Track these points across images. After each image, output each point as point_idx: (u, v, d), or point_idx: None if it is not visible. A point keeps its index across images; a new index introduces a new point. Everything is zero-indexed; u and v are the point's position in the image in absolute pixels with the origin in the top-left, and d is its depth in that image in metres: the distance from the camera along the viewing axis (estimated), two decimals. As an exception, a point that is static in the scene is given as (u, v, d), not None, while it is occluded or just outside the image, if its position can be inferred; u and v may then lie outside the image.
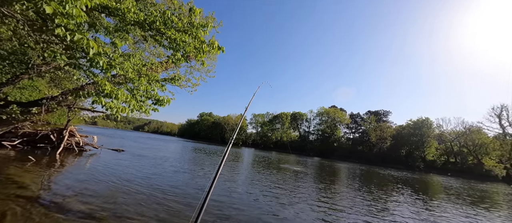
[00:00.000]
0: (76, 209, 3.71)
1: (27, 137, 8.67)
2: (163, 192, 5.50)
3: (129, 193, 5.03)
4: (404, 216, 6.33)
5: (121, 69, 4.30)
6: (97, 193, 4.71)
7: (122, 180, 6.14)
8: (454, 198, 11.25)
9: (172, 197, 5.18)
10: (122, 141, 23.00)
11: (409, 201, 8.69)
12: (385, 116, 68.19)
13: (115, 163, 8.51)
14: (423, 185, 15.80)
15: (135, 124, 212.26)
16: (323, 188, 9.38)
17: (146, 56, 8.31)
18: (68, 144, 9.60)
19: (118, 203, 4.26)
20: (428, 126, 53.43)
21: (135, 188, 5.53)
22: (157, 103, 4.33)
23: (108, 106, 2.91)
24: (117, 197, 4.59)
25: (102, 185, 5.33)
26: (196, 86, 11.87)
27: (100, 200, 4.29)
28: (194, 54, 3.88)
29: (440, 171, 45.78)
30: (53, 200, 3.94)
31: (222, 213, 4.54)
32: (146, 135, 70.73)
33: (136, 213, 3.91)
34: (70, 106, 8.73)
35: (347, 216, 5.56)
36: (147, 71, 5.37)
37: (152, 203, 4.58)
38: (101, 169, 7.18)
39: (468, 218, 6.99)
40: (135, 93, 4.18)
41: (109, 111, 2.98)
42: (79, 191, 4.68)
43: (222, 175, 9.28)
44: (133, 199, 4.62)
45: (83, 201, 4.12)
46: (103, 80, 3.07)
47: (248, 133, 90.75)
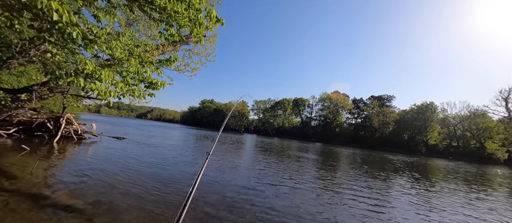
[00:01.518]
0: (65, 202, 3.45)
1: (23, 125, 8.41)
2: (164, 183, 5.25)
3: (126, 183, 4.78)
4: (402, 199, 6.27)
5: (107, 48, 3.81)
6: (91, 185, 4.45)
7: (120, 169, 5.90)
8: (453, 179, 11.28)
9: (172, 188, 4.93)
10: (125, 128, 22.92)
11: (408, 183, 8.71)
12: (389, 101, 67.29)
13: (114, 152, 8.29)
14: (423, 168, 15.80)
15: (138, 112, 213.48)
16: (324, 172, 9.19)
17: (140, 38, 7.70)
18: (66, 132, 9.36)
19: (114, 194, 4.00)
20: (432, 111, 52.75)
21: (133, 178, 5.28)
22: (150, 87, 3.89)
23: (88, 88, 2.49)
24: (113, 188, 4.34)
25: (98, 176, 5.07)
26: (196, 70, 11.31)
27: (94, 193, 4.03)
28: (189, 28, 3.36)
29: (442, 155, 45.94)
30: (42, 193, 3.67)
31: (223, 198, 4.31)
32: (149, 122, 71.16)
33: (133, 206, 3.65)
34: (63, 93, 8.33)
35: (346, 199, 5.34)
36: (140, 52, 4.86)
37: (151, 194, 4.32)
38: (99, 158, 6.94)
39: (467, 199, 7.02)
40: (125, 75, 3.72)
41: (94, 94, 2.55)
42: (72, 182, 4.42)
43: (226, 160, 9.10)
44: (130, 190, 4.37)
45: (75, 193, 3.86)
46: (82, 58, 2.62)
47: (250, 120, 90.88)
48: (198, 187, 2.07)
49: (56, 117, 9.17)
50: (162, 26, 3.42)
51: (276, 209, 4.30)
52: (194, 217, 3.49)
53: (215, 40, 13.73)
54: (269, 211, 4.16)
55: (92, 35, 3.57)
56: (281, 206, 4.51)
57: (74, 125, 9.61)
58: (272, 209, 4.25)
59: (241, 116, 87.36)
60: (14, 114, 8.13)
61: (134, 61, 3.83)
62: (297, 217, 4.05)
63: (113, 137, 12.02)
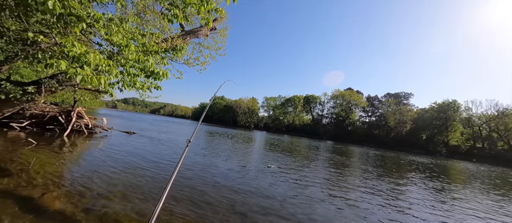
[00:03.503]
0: (55, 204, 3.14)
1: (35, 118, 8.49)
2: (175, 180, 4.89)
3: (131, 179, 4.47)
4: (424, 203, 5.43)
5: (107, 33, 3.43)
6: (91, 184, 4.17)
7: (127, 165, 5.64)
8: (479, 185, 10.13)
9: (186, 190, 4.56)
10: (139, 124, 23.32)
11: (427, 187, 7.85)
12: (406, 99, 63.89)
13: (122, 147, 8.14)
14: (444, 170, 14.52)
15: (152, 108, 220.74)
16: (337, 172, 8.50)
17: (147, 27, 7.36)
18: (78, 126, 9.38)
19: (111, 198, 3.67)
20: (455, 109, 49.30)
21: (140, 173, 4.98)
22: (151, 76, 3.48)
23: (71, 73, 2.09)
24: (114, 189, 4.03)
25: (100, 174, 4.81)
26: (206, 64, 10.93)
27: (90, 195, 3.73)
28: (196, 6, 2.87)
29: (464, 157, 42.93)
30: (32, 193, 3.40)
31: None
32: (161, 118, 72.96)
33: (134, 205, 3.28)
34: (74, 86, 8.27)
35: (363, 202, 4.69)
36: (144, 41, 4.47)
37: (154, 194, 3.96)
38: (106, 154, 6.77)
39: (495, 208, 6.08)
40: (124, 63, 3.33)
41: (76, 80, 2.14)
42: (72, 180, 4.17)
43: (236, 156, 8.72)
44: (136, 186, 4.04)
45: (70, 194, 3.57)
46: (70, 38, 2.21)
47: (260, 117, 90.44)
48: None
49: (68, 111, 9.20)
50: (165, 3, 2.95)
51: (285, 205, 3.79)
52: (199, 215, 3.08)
53: (225, 33, 13.23)
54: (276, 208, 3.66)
55: (90, 18, 3.21)
56: (291, 203, 3.99)
57: (85, 119, 9.62)
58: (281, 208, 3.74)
59: (251, 113, 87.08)
60: (27, 107, 8.20)
61: (133, 47, 3.42)
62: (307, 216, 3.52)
63: (124, 131, 12.03)
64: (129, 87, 3.93)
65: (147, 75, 3.52)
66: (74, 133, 9.29)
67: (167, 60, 8.74)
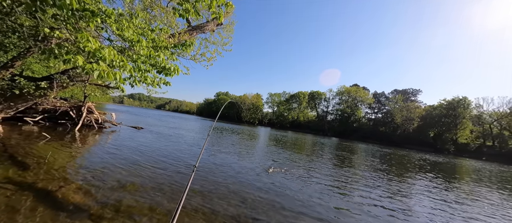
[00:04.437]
0: (74, 198, 3.22)
1: (47, 113, 8.70)
2: (178, 172, 4.96)
3: (142, 173, 4.54)
4: (432, 204, 5.38)
5: (118, 29, 3.43)
6: (104, 178, 4.25)
7: (137, 159, 5.73)
8: (488, 183, 9.94)
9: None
10: (145, 119, 23.66)
11: (433, 186, 7.69)
12: (414, 96, 62.50)
13: (132, 142, 8.27)
14: (452, 169, 14.20)
15: (157, 103, 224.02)
16: (343, 169, 8.43)
17: (155, 22, 7.37)
18: (88, 120, 9.57)
19: (124, 191, 3.74)
20: (465, 107, 47.92)
21: (150, 167, 5.05)
22: (162, 72, 3.47)
23: (88, 69, 2.10)
24: (131, 176, 4.11)
25: (112, 169, 4.90)
26: (212, 60, 10.90)
27: (114, 180, 3.81)
28: (208, 0, 2.82)
29: (473, 155, 41.94)
30: (51, 187, 3.49)
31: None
32: (167, 113, 73.81)
33: (145, 201, 3.33)
34: (84, 81, 8.40)
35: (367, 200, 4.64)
36: (154, 36, 4.46)
37: (163, 189, 4.01)
38: (116, 148, 6.90)
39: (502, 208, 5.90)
40: (136, 59, 3.34)
41: (94, 75, 2.14)
42: (86, 173, 4.26)
43: (240, 152, 8.77)
44: (146, 182, 4.10)
45: (86, 187, 3.65)
46: (85, 34, 2.21)
47: (264, 113, 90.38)
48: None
49: (78, 106, 9.39)
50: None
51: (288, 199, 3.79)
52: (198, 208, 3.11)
53: (232, 28, 13.11)
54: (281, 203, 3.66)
55: (101, 13, 3.21)
56: (295, 198, 3.99)
57: (95, 114, 9.80)
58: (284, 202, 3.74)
59: (255, 109, 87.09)
60: (40, 102, 8.40)
61: (145, 43, 3.41)
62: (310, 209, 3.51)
63: (132, 126, 12.22)
64: (140, 83, 3.95)
65: (158, 70, 3.51)
66: (85, 127, 9.49)
67: (175, 56, 8.76)
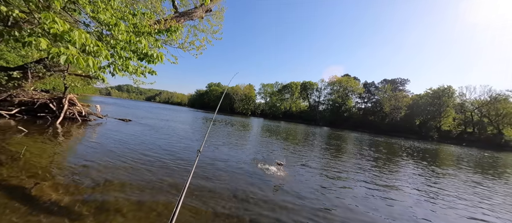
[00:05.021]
0: (50, 196, 3.03)
1: (25, 105, 8.14)
2: (170, 168, 4.83)
3: (128, 168, 4.37)
4: (409, 182, 5.90)
5: (93, 11, 3.11)
6: (93, 169, 4.05)
7: (123, 153, 5.51)
8: (465, 166, 10.68)
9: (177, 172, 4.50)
10: (134, 111, 22.91)
11: (417, 169, 8.31)
12: (402, 85, 64.24)
13: (119, 135, 7.96)
14: (434, 154, 14.97)
15: (147, 95, 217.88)
16: (331, 155, 8.63)
17: (138, 6, 6.88)
18: (71, 113, 9.07)
19: (109, 188, 3.57)
20: (449, 95, 50.01)
21: (137, 162, 4.87)
22: (145, 59, 3.23)
23: (53, 53, 1.86)
24: (116, 171, 3.93)
25: (95, 164, 4.68)
26: (202, 49, 10.48)
27: (97, 176, 3.62)
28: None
29: (455, 141, 44.37)
30: (25, 183, 3.28)
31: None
32: (157, 105, 72.06)
33: (133, 197, 3.20)
34: (63, 71, 7.86)
35: (351, 180, 4.78)
36: (136, 21, 4.13)
37: (152, 184, 3.88)
38: (102, 142, 6.60)
39: (474, 185, 6.54)
40: (114, 44, 3.06)
41: (60, 60, 1.91)
42: (66, 169, 4.03)
43: (234, 143, 8.71)
44: (136, 178, 3.94)
45: (64, 184, 3.45)
46: (50, 14, 1.95)
47: (257, 104, 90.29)
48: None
49: (59, 98, 8.84)
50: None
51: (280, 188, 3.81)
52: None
53: (222, 15, 12.58)
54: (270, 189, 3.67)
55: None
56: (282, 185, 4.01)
57: (77, 106, 9.29)
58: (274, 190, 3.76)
59: (248, 100, 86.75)
60: (15, 94, 7.82)
61: (124, 27, 3.13)
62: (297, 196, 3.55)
63: (119, 119, 11.77)
64: (121, 72, 3.69)
65: (140, 57, 3.26)
66: (67, 120, 9.01)
67: (161, 43, 8.31)
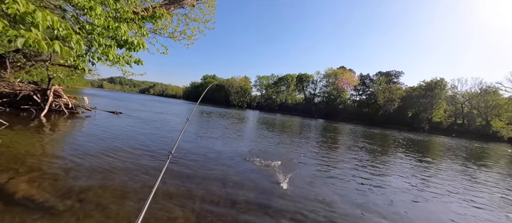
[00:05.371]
0: (27, 193, 2.90)
1: (6, 97, 7.76)
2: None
3: (113, 162, 4.24)
4: (398, 171, 6.16)
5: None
6: (76, 162, 3.91)
7: (109, 147, 5.35)
8: (452, 156, 11.08)
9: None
10: (126, 103, 22.43)
11: (407, 159, 8.57)
12: (396, 77, 64.85)
13: (109, 127, 7.74)
14: (424, 145, 15.39)
15: (141, 87, 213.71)
16: (324, 146, 8.71)
17: None
18: (56, 105, 8.74)
19: (93, 184, 3.45)
20: (442, 87, 50.87)
21: (123, 155, 4.74)
22: (125, 46, 3.03)
23: (11, 36, 1.68)
24: (100, 165, 3.80)
25: (86, 153, 4.53)
26: (193, 38, 10.13)
27: (79, 170, 3.49)
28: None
29: (445, 132, 45.58)
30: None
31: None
32: (151, 97, 70.90)
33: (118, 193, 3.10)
34: (45, 61, 7.48)
35: (343, 169, 4.83)
36: (116, 5, 3.86)
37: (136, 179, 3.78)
38: (90, 133, 6.40)
39: (462, 173, 6.86)
40: (91, 30, 2.84)
41: (17, 43, 1.71)
42: (46, 164, 3.88)
43: (231, 137, 8.64)
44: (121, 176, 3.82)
45: (44, 179, 3.31)
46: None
47: (253, 96, 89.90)
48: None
49: (43, 90, 8.47)
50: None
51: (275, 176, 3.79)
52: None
53: (214, 3, 12.11)
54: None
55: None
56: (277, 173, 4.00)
57: (63, 98, 8.95)
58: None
59: (244, 92, 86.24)
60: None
61: (101, 11, 2.90)
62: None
63: (109, 111, 11.46)
64: (102, 60, 3.48)
65: (120, 45, 3.06)
66: (54, 113, 8.70)
67: (149, 32, 7.92)
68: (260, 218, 2.82)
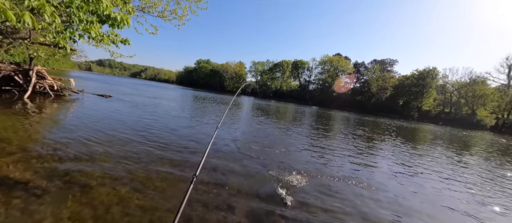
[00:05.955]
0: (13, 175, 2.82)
1: (-16, 78, 7.32)
2: (163, 148, 4.67)
3: (104, 145, 4.16)
4: (384, 156, 6.53)
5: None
6: (63, 145, 3.81)
7: (99, 130, 5.23)
8: (436, 141, 11.66)
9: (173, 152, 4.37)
10: (117, 87, 21.75)
11: (393, 144, 8.97)
12: (391, 66, 65.32)
13: (96, 111, 7.52)
14: (411, 132, 16.04)
15: (132, 71, 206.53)
16: (316, 133, 8.94)
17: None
18: (41, 87, 8.34)
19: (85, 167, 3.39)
20: (433, 76, 51.77)
21: (113, 139, 4.66)
22: (107, 22, 2.83)
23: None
24: (89, 148, 3.73)
25: (73, 136, 4.41)
26: (184, 18, 9.64)
27: (68, 152, 3.41)
28: None
29: (433, 120, 47.23)
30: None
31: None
32: (143, 82, 68.99)
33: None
34: (24, 39, 6.98)
35: (333, 155, 5.02)
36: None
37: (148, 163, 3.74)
38: (76, 116, 6.21)
39: (443, 158, 7.24)
40: (68, 2, 2.61)
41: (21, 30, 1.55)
42: (31, 147, 3.76)
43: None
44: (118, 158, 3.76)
45: (29, 162, 3.22)
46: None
47: (248, 82, 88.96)
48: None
49: (25, 70, 8.01)
50: None
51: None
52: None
53: (206, -19, 11.47)
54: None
55: None
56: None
57: (47, 80, 8.52)
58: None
59: (239, 78, 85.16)
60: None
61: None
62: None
63: (98, 94, 11.08)
64: (84, 38, 3.26)
65: (102, 20, 2.84)
66: (38, 95, 8.33)
67: (136, 10, 7.48)
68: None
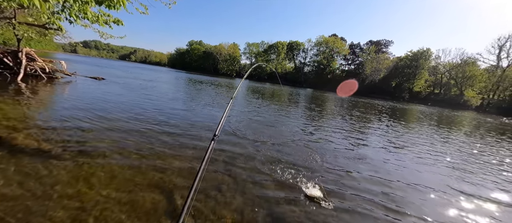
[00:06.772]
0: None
1: (-28, 60, 7.16)
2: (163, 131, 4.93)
3: (106, 126, 4.42)
4: (373, 134, 6.96)
5: None
6: (61, 126, 4.04)
7: (99, 112, 5.43)
8: (422, 121, 12.46)
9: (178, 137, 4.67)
10: (108, 70, 21.22)
11: (382, 124, 9.46)
12: (386, 47, 65.14)
13: (93, 94, 7.60)
14: (400, 112, 16.85)
15: (120, 53, 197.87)
16: (310, 114, 9.39)
17: None
18: (32, 70, 8.23)
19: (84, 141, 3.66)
20: (426, 58, 52.26)
21: (115, 121, 4.90)
22: (104, 3, 2.92)
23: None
24: (89, 130, 3.98)
25: (73, 119, 4.62)
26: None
27: (67, 134, 3.67)
28: None
29: (422, 101, 48.75)
30: None
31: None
32: (133, 64, 66.82)
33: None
34: (9, 19, 6.75)
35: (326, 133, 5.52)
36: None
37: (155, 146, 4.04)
38: (73, 99, 6.33)
39: (427, 135, 7.79)
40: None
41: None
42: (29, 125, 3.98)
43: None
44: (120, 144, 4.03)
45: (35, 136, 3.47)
46: None
47: (242, 64, 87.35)
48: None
49: (14, 52, 7.82)
50: None
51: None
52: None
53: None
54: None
55: None
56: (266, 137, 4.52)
57: (38, 62, 8.38)
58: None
59: (233, 60, 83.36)
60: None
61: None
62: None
63: (90, 77, 10.98)
64: (79, 19, 3.35)
65: (98, 1, 2.93)
66: (31, 78, 8.25)
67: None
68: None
